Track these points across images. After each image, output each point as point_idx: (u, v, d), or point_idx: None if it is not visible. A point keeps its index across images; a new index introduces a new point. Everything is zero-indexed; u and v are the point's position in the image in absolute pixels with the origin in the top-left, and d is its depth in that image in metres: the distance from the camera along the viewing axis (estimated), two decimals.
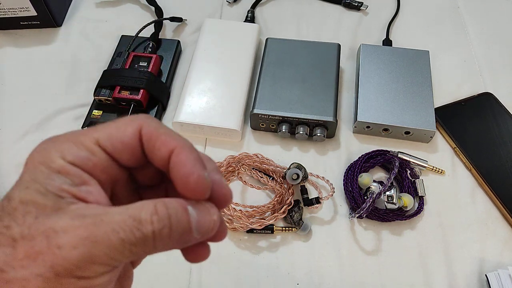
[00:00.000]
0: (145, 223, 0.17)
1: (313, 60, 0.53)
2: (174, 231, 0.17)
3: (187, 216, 0.18)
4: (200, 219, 0.18)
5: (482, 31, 0.62)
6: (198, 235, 0.18)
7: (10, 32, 0.61)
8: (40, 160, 0.18)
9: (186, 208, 0.18)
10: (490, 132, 0.50)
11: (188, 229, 0.18)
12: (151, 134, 0.19)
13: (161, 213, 0.17)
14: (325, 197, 0.45)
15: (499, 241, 0.44)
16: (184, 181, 0.18)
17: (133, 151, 0.20)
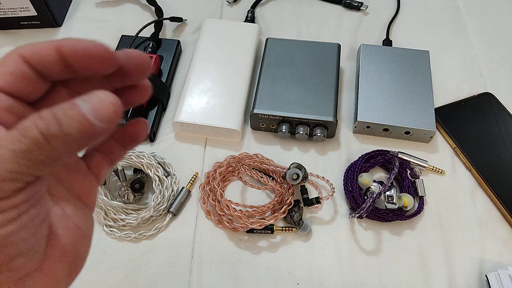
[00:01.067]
0: (30, 129, 0.16)
1: (313, 60, 0.53)
2: (65, 125, 0.17)
3: (76, 107, 0.17)
4: (94, 105, 0.17)
5: (482, 31, 0.62)
6: (101, 123, 0.17)
7: (10, 32, 0.61)
8: None
9: (73, 102, 0.17)
10: (490, 132, 0.50)
11: (84, 119, 0.17)
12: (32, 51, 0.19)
13: (46, 115, 0.17)
14: (325, 197, 0.45)
15: (499, 241, 0.44)
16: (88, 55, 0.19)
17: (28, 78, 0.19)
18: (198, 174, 0.49)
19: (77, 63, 0.19)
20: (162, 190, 0.46)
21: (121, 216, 0.44)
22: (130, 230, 0.45)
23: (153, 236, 0.45)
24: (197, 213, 0.46)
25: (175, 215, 0.46)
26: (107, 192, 0.46)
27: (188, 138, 0.52)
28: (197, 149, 0.51)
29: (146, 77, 0.22)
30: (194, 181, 0.48)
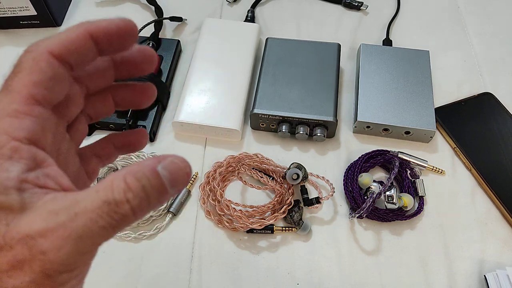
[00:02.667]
0: (121, 204, 0.16)
1: (313, 60, 0.53)
2: (151, 198, 0.17)
3: (160, 180, 0.17)
4: (172, 175, 0.18)
5: (482, 31, 0.62)
6: (173, 191, 0.18)
7: (10, 31, 0.61)
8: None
9: (156, 171, 0.17)
10: (490, 132, 0.50)
11: (164, 190, 0.17)
12: (62, 46, 0.18)
13: (134, 187, 0.16)
14: (325, 197, 0.45)
15: (499, 241, 0.44)
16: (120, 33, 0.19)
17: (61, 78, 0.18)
18: (198, 174, 0.49)
19: (110, 44, 0.19)
20: None
21: None
22: (130, 230, 0.45)
23: (153, 236, 0.45)
24: (197, 213, 0.46)
25: (175, 215, 0.46)
26: None
27: (188, 138, 0.52)
28: (197, 149, 0.51)
29: (152, 69, 0.22)
30: (194, 181, 0.48)
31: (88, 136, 0.51)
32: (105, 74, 0.22)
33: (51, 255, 0.16)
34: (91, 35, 0.18)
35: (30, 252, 0.16)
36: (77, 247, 0.16)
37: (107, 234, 0.16)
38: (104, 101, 0.23)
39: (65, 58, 0.18)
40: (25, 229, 0.16)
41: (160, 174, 0.17)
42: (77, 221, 0.16)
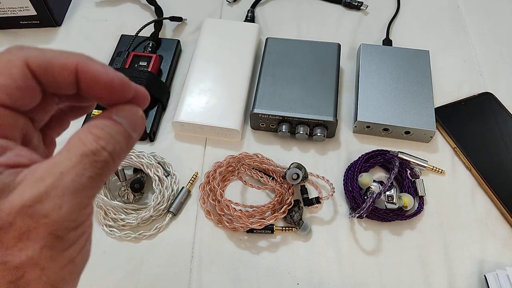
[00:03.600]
0: (98, 152, 0.17)
1: (313, 60, 0.53)
2: (121, 143, 0.18)
3: (121, 126, 0.18)
4: (130, 121, 0.19)
5: (482, 31, 0.62)
6: (136, 135, 0.19)
7: (10, 31, 0.61)
8: None
9: (114, 120, 0.18)
10: (490, 132, 0.50)
11: (128, 135, 0.18)
12: (42, 63, 0.18)
13: (102, 135, 0.17)
14: (325, 197, 0.45)
15: (499, 241, 0.44)
16: (109, 88, 0.18)
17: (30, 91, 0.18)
18: (198, 174, 0.49)
19: (92, 90, 0.18)
20: (162, 190, 0.46)
21: (121, 216, 0.44)
22: (130, 230, 0.45)
23: (153, 236, 0.45)
24: (197, 213, 0.46)
25: (175, 215, 0.46)
26: (107, 192, 0.46)
27: (188, 138, 0.52)
28: (197, 149, 0.51)
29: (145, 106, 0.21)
30: (194, 181, 0.48)
31: None
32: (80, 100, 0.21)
33: (54, 215, 0.16)
34: (77, 71, 0.18)
35: (33, 219, 0.16)
36: (74, 202, 0.17)
37: (96, 184, 0.17)
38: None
39: (39, 76, 0.18)
40: (18, 201, 0.16)
41: (119, 121, 0.18)
42: (65, 179, 0.16)
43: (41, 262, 0.16)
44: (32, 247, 0.16)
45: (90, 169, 0.17)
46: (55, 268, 0.17)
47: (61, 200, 0.16)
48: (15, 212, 0.16)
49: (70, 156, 0.17)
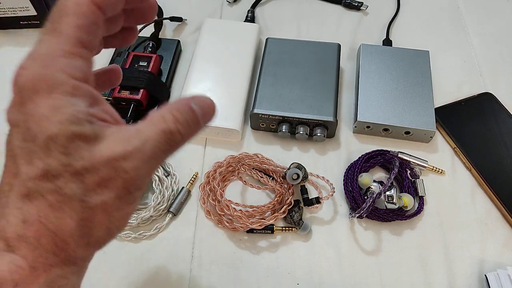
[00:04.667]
0: (174, 133, 0.21)
1: (313, 60, 0.53)
2: (192, 128, 0.22)
3: (196, 114, 0.22)
4: (204, 110, 0.22)
5: (482, 31, 0.62)
6: (204, 123, 0.22)
7: (10, 31, 0.61)
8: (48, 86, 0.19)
9: (192, 107, 0.22)
10: (490, 132, 0.50)
11: (198, 122, 0.22)
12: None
13: (181, 119, 0.21)
14: (325, 197, 0.45)
15: (499, 241, 0.44)
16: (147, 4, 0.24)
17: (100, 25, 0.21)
18: (198, 174, 0.49)
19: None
20: (162, 190, 0.46)
21: None
22: (130, 230, 0.45)
23: (153, 236, 0.45)
24: (197, 213, 0.46)
25: (175, 215, 0.46)
26: None
27: None
28: (197, 149, 0.51)
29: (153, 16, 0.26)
30: (194, 181, 0.48)
31: None
32: (118, 20, 0.25)
33: (132, 174, 0.19)
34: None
35: (115, 172, 0.19)
36: (149, 167, 0.20)
37: (164, 157, 0.21)
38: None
39: (102, 5, 0.21)
40: (108, 153, 0.19)
41: (195, 110, 0.22)
42: (147, 146, 0.20)
43: (110, 209, 0.19)
44: (108, 194, 0.19)
45: (165, 144, 0.20)
46: (118, 217, 0.20)
47: (140, 162, 0.20)
48: (103, 161, 0.19)
49: (153, 128, 0.20)
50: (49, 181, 0.19)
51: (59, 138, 0.19)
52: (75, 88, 0.19)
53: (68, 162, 0.19)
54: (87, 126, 0.19)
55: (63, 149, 0.19)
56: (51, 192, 0.19)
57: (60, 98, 0.19)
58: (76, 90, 0.19)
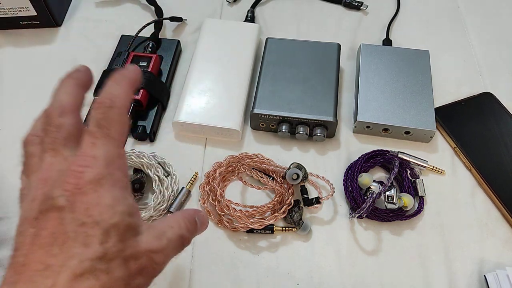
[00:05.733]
0: (186, 239, 0.27)
1: (313, 60, 0.53)
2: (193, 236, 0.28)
3: (196, 225, 0.29)
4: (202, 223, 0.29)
5: (482, 31, 0.62)
6: (199, 232, 0.29)
7: (10, 32, 0.61)
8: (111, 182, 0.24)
9: (196, 221, 0.28)
10: (490, 132, 0.50)
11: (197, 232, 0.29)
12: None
13: (191, 229, 0.28)
14: (325, 197, 0.45)
15: (499, 241, 0.44)
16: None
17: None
18: (198, 174, 0.49)
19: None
20: (162, 190, 0.46)
21: None
22: None
23: None
24: None
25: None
26: None
27: (188, 138, 0.52)
28: (197, 149, 0.51)
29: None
30: (194, 181, 0.48)
31: None
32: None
33: (160, 266, 0.25)
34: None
35: (150, 262, 0.24)
36: (168, 261, 0.26)
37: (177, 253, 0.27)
38: None
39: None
40: (147, 245, 0.24)
41: (197, 222, 0.29)
42: (171, 245, 0.26)
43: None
44: (141, 280, 0.23)
45: (180, 245, 0.27)
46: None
47: (166, 257, 0.25)
48: (143, 251, 0.24)
49: (174, 232, 0.26)
50: (105, 263, 0.22)
51: (120, 226, 0.23)
52: (127, 185, 0.24)
53: (122, 248, 0.22)
54: (136, 219, 0.24)
55: (120, 237, 0.22)
56: (104, 273, 0.21)
57: (119, 192, 0.24)
58: (127, 186, 0.24)
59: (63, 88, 0.28)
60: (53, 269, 0.21)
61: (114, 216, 0.23)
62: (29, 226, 0.23)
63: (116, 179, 0.24)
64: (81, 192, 0.23)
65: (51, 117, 0.26)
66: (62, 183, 0.23)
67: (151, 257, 0.24)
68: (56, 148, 0.25)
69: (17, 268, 0.22)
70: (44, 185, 0.24)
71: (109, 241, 0.22)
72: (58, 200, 0.23)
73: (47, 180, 0.24)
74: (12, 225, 0.45)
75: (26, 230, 0.23)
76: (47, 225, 0.22)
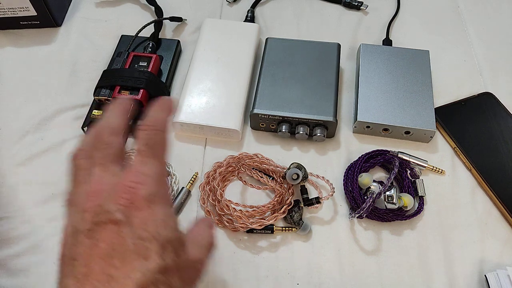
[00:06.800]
0: (214, 245, 0.31)
1: (313, 60, 0.53)
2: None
3: (214, 230, 0.32)
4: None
5: (482, 31, 0.62)
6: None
7: (10, 32, 0.61)
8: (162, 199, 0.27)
9: (213, 226, 0.32)
10: (490, 132, 0.50)
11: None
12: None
13: (213, 234, 0.32)
14: (325, 197, 0.45)
15: (499, 241, 0.44)
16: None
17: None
18: (198, 174, 0.49)
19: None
20: None
21: None
22: None
23: None
24: (197, 213, 0.46)
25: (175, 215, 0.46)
26: None
27: (188, 138, 0.52)
28: (197, 149, 0.51)
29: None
30: (194, 181, 0.48)
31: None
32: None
33: (201, 274, 0.28)
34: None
35: (195, 272, 0.27)
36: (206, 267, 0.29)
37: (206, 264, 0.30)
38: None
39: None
40: (192, 256, 0.28)
41: (213, 227, 0.33)
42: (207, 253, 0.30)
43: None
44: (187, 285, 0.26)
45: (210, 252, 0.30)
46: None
47: (205, 265, 0.29)
48: (190, 262, 0.27)
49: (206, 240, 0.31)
50: (164, 275, 0.24)
51: (173, 240, 0.25)
52: (171, 201, 0.28)
53: (177, 261, 0.25)
54: (182, 232, 0.27)
55: (175, 250, 0.25)
56: (164, 284, 0.23)
57: (168, 208, 0.27)
58: (171, 202, 0.28)
59: (113, 112, 0.31)
60: (117, 281, 0.23)
61: (168, 231, 0.25)
62: (84, 237, 0.24)
63: (164, 196, 0.27)
64: (136, 208, 0.24)
65: (102, 135, 0.28)
66: (116, 198, 0.25)
67: (196, 267, 0.27)
68: (105, 164, 0.27)
69: (79, 278, 0.23)
70: (96, 198, 0.25)
71: (166, 254, 0.24)
72: (114, 214, 0.24)
73: (99, 193, 0.25)
74: (12, 225, 0.45)
75: (82, 241, 0.24)
76: (104, 237, 0.24)
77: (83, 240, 0.24)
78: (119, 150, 0.29)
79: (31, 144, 0.51)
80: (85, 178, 0.27)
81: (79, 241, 0.24)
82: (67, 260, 0.25)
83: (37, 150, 0.50)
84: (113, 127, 0.29)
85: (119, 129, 0.30)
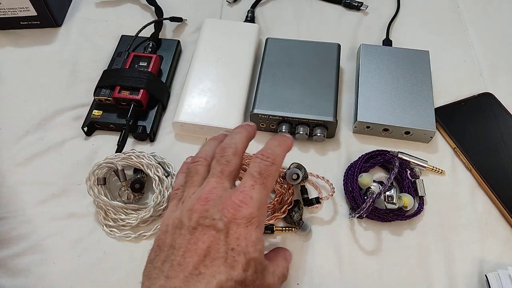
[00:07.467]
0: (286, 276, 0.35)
1: (313, 60, 0.53)
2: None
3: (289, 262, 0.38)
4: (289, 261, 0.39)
5: (482, 31, 0.62)
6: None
7: (10, 32, 0.61)
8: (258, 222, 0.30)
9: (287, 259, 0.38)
10: (490, 132, 0.50)
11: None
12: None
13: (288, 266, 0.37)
14: (325, 197, 0.45)
15: (499, 241, 0.44)
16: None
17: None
18: None
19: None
20: (162, 190, 0.46)
21: (121, 216, 0.44)
22: (130, 230, 0.45)
23: (153, 236, 0.45)
24: None
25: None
26: (107, 192, 0.46)
27: (188, 138, 0.52)
28: (197, 149, 0.50)
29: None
30: None
31: (88, 136, 0.51)
32: None
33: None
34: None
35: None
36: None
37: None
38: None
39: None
40: (268, 280, 0.31)
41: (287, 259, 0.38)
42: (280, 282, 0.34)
43: None
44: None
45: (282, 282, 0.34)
46: None
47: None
48: (266, 285, 0.30)
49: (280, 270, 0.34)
50: (241, 287, 0.27)
51: (257, 261, 0.29)
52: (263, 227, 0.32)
53: (255, 279, 0.29)
54: (265, 259, 0.31)
55: (256, 269, 0.29)
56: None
57: (260, 233, 0.30)
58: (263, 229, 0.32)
59: (241, 135, 0.34)
60: (204, 277, 0.27)
61: (255, 251, 0.29)
62: (187, 232, 0.29)
63: (261, 221, 0.30)
64: (236, 223, 0.28)
65: (225, 152, 0.33)
66: (222, 209, 0.29)
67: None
68: (221, 177, 0.31)
69: (174, 265, 0.28)
70: (205, 203, 0.30)
71: (249, 270, 0.28)
72: (218, 222, 0.29)
73: (208, 200, 0.30)
74: (12, 225, 0.45)
75: (185, 234, 0.29)
76: (204, 238, 0.28)
77: (185, 234, 0.29)
78: (235, 170, 0.33)
79: (31, 144, 0.51)
80: (198, 183, 0.32)
81: (182, 234, 0.29)
82: (166, 246, 0.29)
83: (37, 150, 0.50)
84: (238, 148, 0.33)
85: (241, 152, 0.34)
